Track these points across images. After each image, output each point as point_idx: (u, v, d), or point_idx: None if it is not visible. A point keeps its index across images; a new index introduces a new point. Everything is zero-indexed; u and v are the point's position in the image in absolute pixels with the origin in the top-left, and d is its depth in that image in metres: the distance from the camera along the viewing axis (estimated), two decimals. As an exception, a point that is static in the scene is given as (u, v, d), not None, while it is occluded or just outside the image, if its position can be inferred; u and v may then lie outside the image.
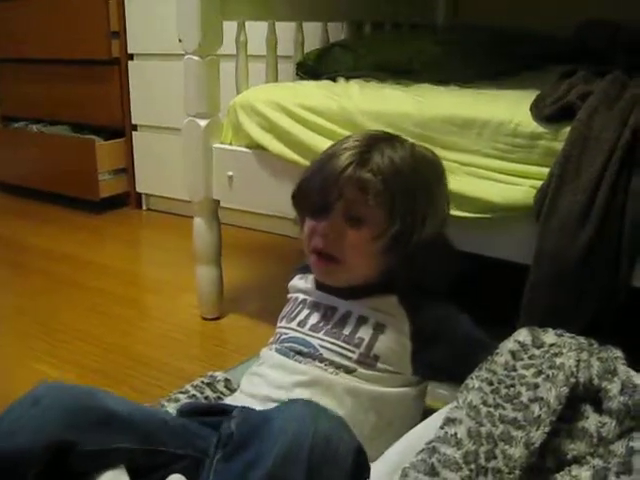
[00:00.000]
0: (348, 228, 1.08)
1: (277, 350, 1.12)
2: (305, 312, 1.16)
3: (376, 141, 1.11)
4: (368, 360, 1.07)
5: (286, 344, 1.12)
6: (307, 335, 1.11)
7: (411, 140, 1.19)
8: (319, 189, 1.09)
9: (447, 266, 1.13)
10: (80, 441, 0.89)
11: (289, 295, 1.24)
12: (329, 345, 1.08)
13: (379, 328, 1.09)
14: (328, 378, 1.05)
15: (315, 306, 1.15)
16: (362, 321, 1.10)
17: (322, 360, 1.07)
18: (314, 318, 1.14)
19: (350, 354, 1.07)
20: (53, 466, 0.88)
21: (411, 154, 1.12)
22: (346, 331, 1.09)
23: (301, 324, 1.14)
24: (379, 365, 1.07)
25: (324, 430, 0.83)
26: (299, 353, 1.09)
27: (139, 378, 1.54)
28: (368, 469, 0.90)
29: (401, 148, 1.11)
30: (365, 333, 1.08)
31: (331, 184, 1.07)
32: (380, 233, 1.07)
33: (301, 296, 1.20)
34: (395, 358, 1.08)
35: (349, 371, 1.06)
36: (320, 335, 1.10)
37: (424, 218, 1.09)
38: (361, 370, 1.06)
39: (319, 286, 1.17)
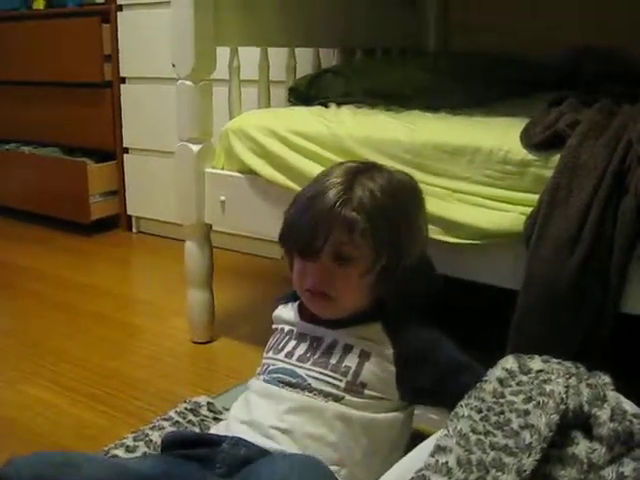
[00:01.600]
0: (338, 267, 1.10)
1: (265, 381, 1.12)
2: (292, 343, 1.16)
3: (355, 175, 1.12)
4: (355, 388, 1.07)
5: (274, 375, 1.12)
6: (294, 366, 1.12)
7: (403, 169, 1.21)
8: (307, 232, 1.10)
9: (431, 286, 1.17)
10: None
11: (274, 326, 1.25)
12: (316, 375, 1.09)
13: (364, 356, 1.10)
14: (318, 404, 1.05)
15: (301, 337, 1.16)
16: (348, 350, 1.11)
17: (311, 390, 1.07)
18: (301, 349, 1.14)
19: (338, 382, 1.08)
20: None
21: (389, 182, 1.13)
22: (333, 360, 1.10)
23: (288, 355, 1.14)
24: (366, 392, 1.08)
25: None
26: (287, 384, 1.09)
27: (130, 402, 1.53)
28: None
29: (380, 177, 1.13)
30: (351, 361, 1.09)
31: (318, 227, 1.08)
32: (368, 269, 1.10)
33: (287, 327, 1.20)
34: (381, 384, 1.09)
35: (338, 399, 1.06)
36: (307, 365, 1.11)
37: (408, 246, 1.12)
38: (349, 398, 1.07)
39: (304, 316, 1.18)
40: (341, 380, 1.08)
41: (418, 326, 1.14)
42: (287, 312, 1.23)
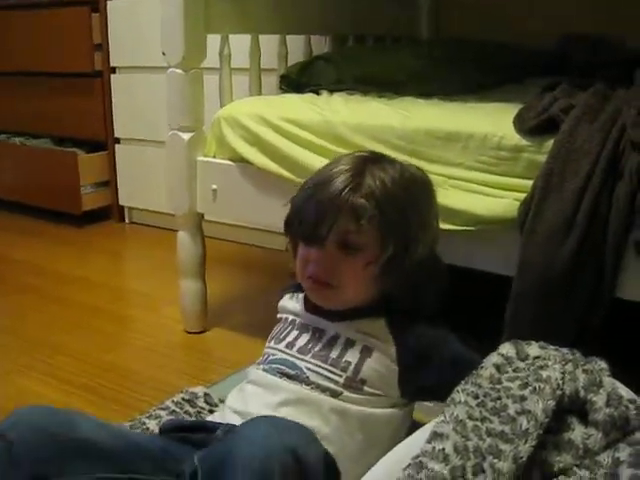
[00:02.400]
0: (343, 256, 1.07)
1: (264, 370, 1.11)
2: (294, 333, 1.15)
3: (366, 164, 1.10)
4: (355, 384, 1.06)
5: (273, 365, 1.11)
6: (294, 357, 1.10)
7: (397, 155, 1.20)
8: (313, 218, 1.07)
9: (438, 282, 1.13)
10: (52, 474, 0.90)
11: (279, 315, 1.23)
12: (316, 368, 1.07)
13: (366, 352, 1.08)
14: (315, 398, 1.04)
15: (304, 327, 1.15)
16: (349, 344, 1.09)
17: (309, 383, 1.06)
18: (302, 340, 1.12)
19: (337, 378, 1.06)
20: None
21: (401, 174, 1.11)
22: (333, 354, 1.08)
23: (289, 346, 1.13)
24: (366, 389, 1.06)
25: (290, 445, 0.84)
26: (286, 375, 1.08)
27: (125, 393, 1.53)
28: (339, 475, 0.94)
29: (391, 168, 1.10)
30: (352, 357, 1.07)
31: (325, 213, 1.06)
32: (374, 259, 1.07)
33: (290, 317, 1.19)
34: (382, 382, 1.08)
35: (336, 394, 1.05)
36: (307, 358, 1.09)
37: (416, 240, 1.09)
38: (347, 394, 1.05)
39: (308, 308, 1.16)
40: (340, 375, 1.06)
41: (424, 324, 1.11)
42: (292, 302, 1.21)
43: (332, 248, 1.07)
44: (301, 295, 1.20)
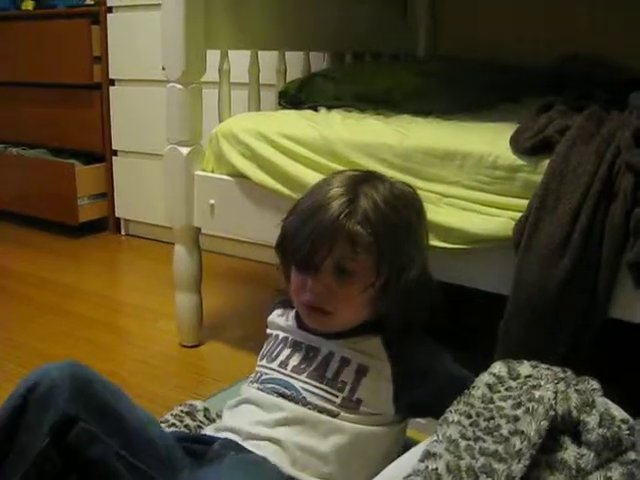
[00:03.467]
0: (338, 282, 1.07)
1: (259, 389, 1.11)
2: (286, 352, 1.14)
3: (358, 185, 1.09)
4: (351, 404, 1.06)
5: (268, 385, 1.10)
6: (289, 377, 1.10)
7: (393, 173, 1.20)
8: (308, 245, 1.06)
9: (431, 299, 1.13)
10: (82, 418, 0.94)
11: (269, 331, 1.23)
12: (312, 388, 1.07)
13: (362, 371, 1.08)
14: (313, 417, 1.04)
15: (297, 345, 1.14)
16: (345, 363, 1.08)
17: (305, 404, 1.06)
18: (296, 359, 1.12)
19: (333, 398, 1.06)
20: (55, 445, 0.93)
21: (391, 193, 1.11)
22: (329, 374, 1.08)
23: (282, 365, 1.12)
24: (362, 408, 1.06)
25: None
26: (282, 395, 1.07)
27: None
28: None
29: (383, 187, 1.10)
30: (348, 377, 1.07)
31: (321, 240, 1.05)
32: (369, 284, 1.07)
33: (282, 334, 1.18)
34: (377, 401, 1.08)
35: (332, 414, 1.05)
36: (303, 377, 1.09)
37: (410, 261, 1.09)
38: (344, 414, 1.05)
39: (300, 325, 1.16)
40: (337, 396, 1.06)
41: (418, 342, 1.12)
42: (283, 318, 1.20)
43: (327, 274, 1.07)
44: (292, 311, 1.19)
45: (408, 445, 1.04)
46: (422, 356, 1.10)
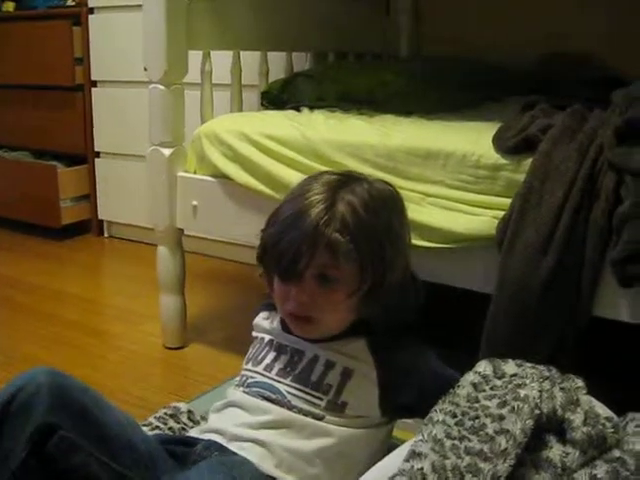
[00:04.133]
0: (322, 289, 1.06)
1: (245, 393, 1.10)
2: (271, 355, 1.13)
3: (336, 190, 1.08)
4: (336, 407, 1.06)
5: (254, 389, 1.10)
6: (274, 381, 1.09)
7: (376, 173, 1.20)
8: (289, 254, 1.05)
9: (415, 300, 1.13)
10: (61, 426, 0.93)
11: (254, 334, 1.22)
12: (296, 392, 1.07)
13: (347, 374, 1.07)
14: (297, 420, 1.04)
15: (282, 349, 1.13)
16: (329, 366, 1.08)
17: (290, 407, 1.05)
18: (281, 362, 1.11)
19: (318, 401, 1.06)
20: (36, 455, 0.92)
21: (369, 194, 1.09)
22: (314, 377, 1.07)
23: (268, 368, 1.12)
24: (347, 412, 1.06)
25: None
26: (267, 399, 1.07)
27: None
28: None
29: (361, 190, 1.08)
30: (333, 380, 1.07)
31: (301, 249, 1.03)
32: (354, 291, 1.06)
33: (267, 337, 1.18)
34: (363, 403, 1.07)
35: (318, 418, 1.05)
36: (287, 381, 1.08)
37: (392, 264, 1.08)
38: (329, 417, 1.05)
39: (285, 328, 1.15)
40: (322, 399, 1.06)
41: (403, 342, 1.11)
42: (268, 321, 1.20)
43: (311, 283, 1.06)
44: (278, 315, 1.18)
45: (393, 445, 1.04)
46: (407, 357, 1.10)
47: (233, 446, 1.02)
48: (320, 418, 1.04)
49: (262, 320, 1.22)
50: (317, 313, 1.07)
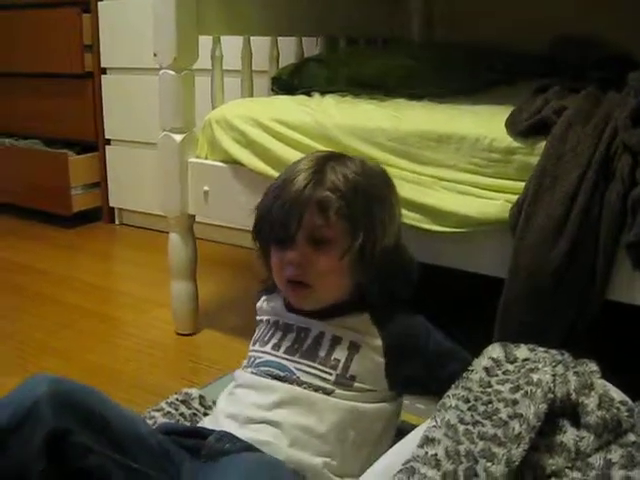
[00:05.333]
0: (315, 252, 1.08)
1: (253, 374, 1.11)
2: (278, 334, 1.14)
3: (327, 161, 1.12)
4: (345, 381, 1.06)
5: (262, 368, 1.10)
6: (282, 359, 1.10)
7: (388, 157, 1.20)
8: (280, 219, 1.08)
9: (410, 272, 1.15)
10: (72, 430, 0.92)
11: (258, 318, 1.23)
12: (305, 368, 1.08)
13: (354, 348, 1.08)
14: (308, 396, 1.05)
15: (288, 328, 1.14)
16: (336, 341, 1.09)
17: (300, 384, 1.06)
18: (288, 340, 1.12)
19: (327, 376, 1.06)
20: (53, 463, 0.91)
21: (362, 169, 1.12)
22: (321, 353, 1.09)
23: (275, 347, 1.12)
24: (356, 385, 1.07)
25: None
26: (276, 377, 1.08)
27: (113, 394, 1.48)
28: None
29: (353, 165, 1.12)
30: (340, 354, 1.08)
31: (291, 211, 1.07)
32: (346, 250, 1.07)
33: (272, 318, 1.18)
34: (371, 376, 1.08)
35: (327, 392, 1.05)
36: (296, 358, 1.09)
37: (383, 227, 1.10)
38: (339, 391, 1.06)
39: (289, 307, 1.16)
40: (330, 374, 1.07)
41: (405, 315, 1.13)
42: (271, 303, 1.21)
43: (304, 245, 1.08)
44: (279, 296, 1.19)
45: (405, 429, 1.04)
46: (411, 330, 1.12)
47: (247, 429, 1.02)
48: (330, 393, 1.05)
49: (264, 303, 1.23)
50: (312, 277, 1.08)
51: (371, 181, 1.12)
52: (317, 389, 1.05)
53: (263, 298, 1.24)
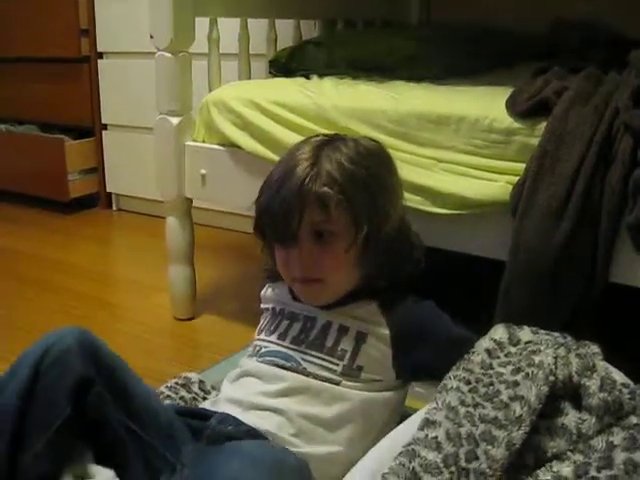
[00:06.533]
0: (320, 247, 1.06)
1: (259, 362, 1.10)
2: (284, 324, 1.13)
3: (320, 148, 1.08)
4: (352, 371, 1.05)
5: (268, 357, 1.09)
6: (289, 349, 1.09)
7: (387, 139, 1.19)
8: (280, 216, 1.05)
9: (417, 253, 1.13)
10: (96, 382, 0.96)
11: (263, 306, 1.22)
12: (312, 359, 1.06)
13: (361, 338, 1.07)
14: (315, 385, 1.04)
15: (294, 317, 1.13)
16: (343, 331, 1.08)
17: (307, 374, 1.05)
18: (294, 330, 1.11)
19: (334, 367, 1.05)
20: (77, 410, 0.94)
21: (355, 150, 1.09)
22: (328, 343, 1.07)
23: (281, 337, 1.11)
24: (363, 375, 1.05)
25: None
26: (282, 367, 1.06)
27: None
28: None
29: (345, 147, 1.09)
30: (347, 344, 1.07)
31: (291, 208, 1.04)
32: (351, 242, 1.05)
33: (278, 306, 1.17)
34: (378, 366, 1.07)
35: (334, 383, 1.04)
36: (302, 348, 1.08)
37: (386, 212, 1.08)
38: (346, 382, 1.04)
39: (295, 296, 1.15)
40: (337, 364, 1.05)
41: (414, 302, 1.11)
42: (277, 291, 1.19)
43: (308, 242, 1.06)
44: (284, 284, 1.17)
45: (406, 414, 1.03)
46: (419, 318, 1.10)
47: (251, 415, 1.01)
48: (337, 383, 1.04)
49: (269, 291, 1.21)
50: (321, 272, 1.07)
51: (367, 165, 1.09)
52: (324, 380, 1.04)
53: (267, 286, 1.22)
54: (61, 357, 0.94)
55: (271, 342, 1.12)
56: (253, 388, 1.06)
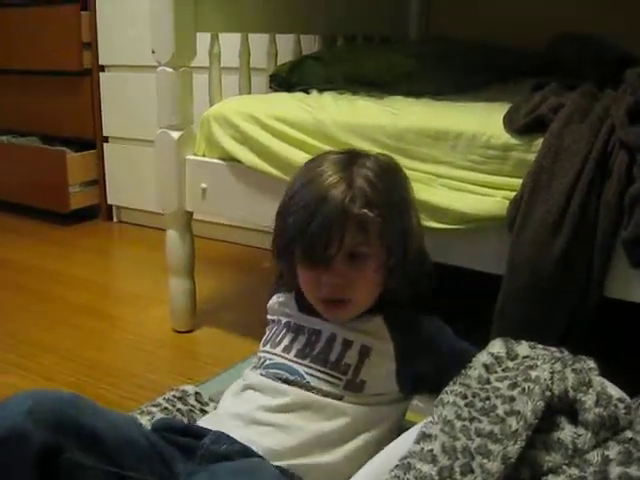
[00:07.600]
0: (352, 269, 1.05)
1: (262, 375, 1.09)
2: (289, 336, 1.13)
3: (347, 166, 1.07)
4: (355, 387, 1.05)
5: (271, 370, 1.09)
6: (293, 362, 1.09)
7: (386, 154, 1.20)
8: (319, 240, 1.03)
9: (428, 272, 1.13)
10: (63, 447, 0.87)
11: (270, 317, 1.21)
12: (315, 373, 1.06)
13: (365, 352, 1.07)
14: (317, 401, 1.03)
15: (299, 329, 1.13)
16: (347, 345, 1.08)
17: (309, 388, 1.05)
18: (299, 343, 1.11)
19: (337, 381, 1.05)
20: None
21: (378, 166, 1.10)
22: (332, 357, 1.07)
23: (286, 350, 1.11)
24: (366, 390, 1.06)
25: None
26: (285, 381, 1.06)
27: (112, 391, 1.52)
28: None
29: (370, 163, 1.09)
30: (351, 359, 1.07)
31: (330, 232, 1.02)
32: (382, 264, 1.06)
33: (284, 319, 1.17)
34: (381, 381, 1.07)
35: (337, 398, 1.04)
36: (306, 362, 1.08)
37: (413, 234, 1.10)
38: (349, 396, 1.05)
39: (302, 308, 1.15)
40: (341, 379, 1.05)
41: (419, 317, 1.11)
42: (283, 303, 1.19)
43: (341, 264, 1.05)
44: (292, 295, 1.18)
45: (404, 428, 1.04)
46: (424, 332, 1.10)
47: (251, 430, 1.01)
48: (339, 398, 1.04)
49: (277, 302, 1.21)
50: (351, 293, 1.07)
51: (391, 184, 1.09)
52: (327, 394, 1.04)
53: (275, 297, 1.22)
54: (16, 429, 0.84)
55: (276, 354, 1.12)
56: (255, 402, 1.06)
